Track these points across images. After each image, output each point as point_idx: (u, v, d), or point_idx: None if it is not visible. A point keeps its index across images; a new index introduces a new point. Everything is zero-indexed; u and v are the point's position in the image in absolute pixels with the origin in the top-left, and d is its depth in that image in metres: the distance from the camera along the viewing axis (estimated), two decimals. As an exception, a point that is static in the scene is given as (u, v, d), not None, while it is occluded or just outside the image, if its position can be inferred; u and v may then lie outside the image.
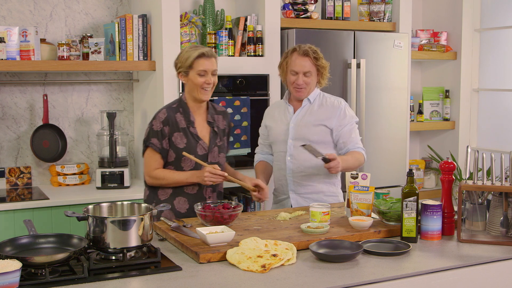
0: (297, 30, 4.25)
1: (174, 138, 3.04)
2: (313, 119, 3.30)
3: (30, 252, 2.22)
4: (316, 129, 3.28)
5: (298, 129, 3.30)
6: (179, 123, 3.06)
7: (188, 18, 4.12)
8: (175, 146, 3.04)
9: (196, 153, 3.04)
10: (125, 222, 2.27)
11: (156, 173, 3.05)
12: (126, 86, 4.50)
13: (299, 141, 3.26)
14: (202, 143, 3.07)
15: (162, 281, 2.09)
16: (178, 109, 3.10)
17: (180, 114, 3.08)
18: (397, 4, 4.76)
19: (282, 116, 3.39)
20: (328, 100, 3.37)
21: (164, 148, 3.04)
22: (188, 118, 3.08)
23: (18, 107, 4.18)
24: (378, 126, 4.62)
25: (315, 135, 3.27)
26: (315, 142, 3.24)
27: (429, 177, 5.36)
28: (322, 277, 2.13)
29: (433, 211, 2.59)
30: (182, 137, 3.05)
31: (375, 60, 4.56)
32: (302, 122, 3.31)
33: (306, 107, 3.35)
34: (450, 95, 5.30)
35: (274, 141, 3.41)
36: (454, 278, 2.29)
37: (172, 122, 3.05)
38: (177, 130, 3.05)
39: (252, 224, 2.75)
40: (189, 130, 3.06)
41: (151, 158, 3.06)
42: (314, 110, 3.33)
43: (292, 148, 3.31)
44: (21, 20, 4.13)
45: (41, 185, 4.23)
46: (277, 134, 3.37)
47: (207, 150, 3.08)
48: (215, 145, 3.11)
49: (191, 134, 3.06)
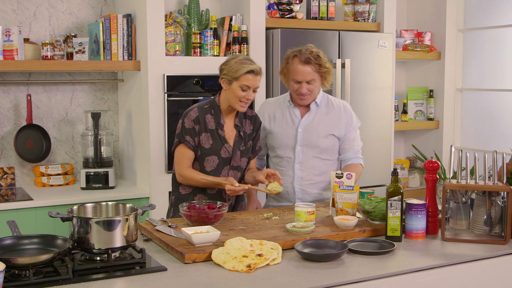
0: (282, 30, 4.25)
1: (201, 138, 3.07)
2: (323, 127, 3.24)
3: (13, 253, 2.21)
4: (326, 139, 3.23)
5: (307, 135, 3.23)
6: (208, 124, 3.09)
7: (173, 18, 4.11)
8: (201, 145, 3.07)
9: (220, 155, 3.07)
10: (109, 222, 2.26)
11: (186, 172, 3.07)
12: (111, 86, 4.48)
13: (308, 148, 3.22)
14: (227, 146, 3.09)
15: (147, 282, 2.09)
16: (209, 110, 3.11)
17: (210, 115, 3.10)
18: (382, 4, 4.78)
19: (288, 119, 3.28)
20: (334, 104, 3.31)
21: (196, 145, 3.08)
22: (219, 120, 3.10)
23: (2, 107, 4.15)
24: (363, 126, 4.57)
25: (324, 143, 3.24)
26: (324, 151, 3.23)
27: (414, 177, 5.39)
28: (308, 277, 2.14)
29: (418, 210, 2.60)
30: (209, 138, 3.08)
31: (360, 60, 4.57)
32: (311, 127, 3.24)
33: (314, 111, 3.26)
34: (434, 94, 5.33)
35: (278, 146, 3.30)
36: (438, 276, 2.31)
37: (202, 122, 3.08)
38: (205, 131, 3.08)
39: (238, 224, 2.75)
40: (217, 132, 3.09)
41: (183, 155, 3.08)
42: (322, 114, 3.26)
43: (301, 155, 3.24)
44: (4, 19, 4.10)
45: (25, 185, 4.20)
46: (283, 139, 3.27)
47: (231, 154, 3.09)
48: (238, 149, 3.12)
49: (218, 136, 3.09)
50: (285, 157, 3.28)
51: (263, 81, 4.24)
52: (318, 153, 3.24)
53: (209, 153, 3.08)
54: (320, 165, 3.25)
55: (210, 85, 4.12)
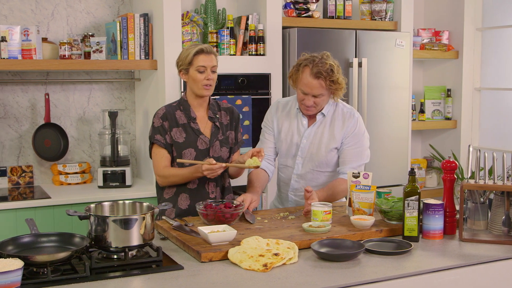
0: (299, 29, 4.25)
1: (173, 133, 3.07)
2: (325, 142, 3.10)
3: (32, 251, 2.22)
4: (328, 154, 3.11)
5: (309, 147, 3.12)
6: (179, 119, 3.09)
7: (190, 17, 4.12)
8: (175, 141, 3.07)
9: (197, 147, 3.06)
10: (126, 221, 2.26)
11: (164, 171, 3.05)
12: (128, 85, 4.50)
13: (309, 160, 3.12)
14: (203, 137, 3.08)
15: (164, 280, 2.09)
16: (178, 107, 3.13)
17: (180, 111, 3.11)
18: (399, 3, 4.75)
19: (294, 128, 3.17)
20: (340, 113, 3.12)
21: (168, 142, 3.07)
22: (189, 114, 3.10)
23: (20, 106, 4.18)
24: (379, 125, 4.62)
25: (325, 158, 3.12)
26: (325, 164, 3.12)
27: (431, 176, 5.36)
28: (324, 276, 2.13)
29: (435, 210, 2.58)
30: (181, 132, 3.08)
31: (377, 59, 4.55)
32: (314, 140, 3.12)
33: (319, 122, 3.13)
34: (452, 94, 5.29)
35: (281, 153, 3.23)
36: (456, 277, 2.29)
37: (171, 118, 3.09)
38: (176, 126, 3.08)
39: (254, 223, 2.75)
40: (190, 126, 3.08)
41: (158, 155, 3.08)
42: (326, 127, 3.11)
43: (300, 167, 3.16)
44: (23, 19, 4.13)
45: (43, 184, 4.23)
46: (287, 147, 3.19)
47: (208, 144, 3.08)
48: (217, 139, 3.10)
49: (191, 129, 3.08)
50: (286, 166, 3.22)
51: (279, 81, 4.24)
52: (317, 166, 3.14)
53: (185, 146, 3.05)
54: (319, 177, 3.16)
55: (226, 84, 4.12)
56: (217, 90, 4.06)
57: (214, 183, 3.12)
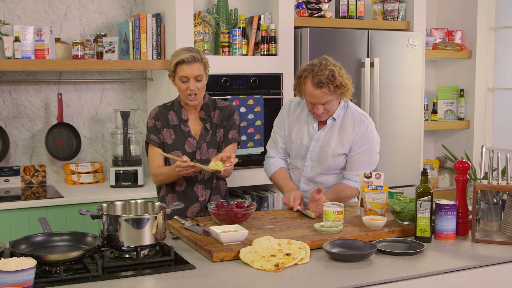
0: (311, 29, 4.24)
1: (163, 133, 3.09)
2: (334, 146, 3.05)
3: (44, 250, 2.23)
4: (336, 158, 3.07)
5: (319, 150, 3.08)
6: (170, 120, 3.10)
7: (202, 17, 4.13)
8: (164, 141, 3.09)
9: (184, 150, 3.06)
10: (138, 220, 2.27)
11: (156, 170, 3.08)
12: (140, 85, 4.51)
13: (318, 164, 3.09)
14: (191, 140, 3.07)
15: (176, 280, 2.10)
16: (172, 108, 3.14)
17: (173, 111, 3.13)
18: (411, 3, 4.74)
19: (305, 131, 3.13)
20: (350, 117, 3.06)
21: (162, 141, 3.09)
22: (180, 116, 3.10)
23: (33, 106, 4.21)
24: (392, 126, 4.60)
25: (334, 163, 3.08)
26: (333, 168, 3.09)
27: (443, 177, 5.33)
28: (336, 277, 2.13)
29: (448, 211, 2.57)
30: (171, 133, 3.09)
31: (389, 59, 4.54)
32: (324, 143, 3.07)
33: (329, 126, 3.08)
34: (465, 94, 5.26)
35: (291, 154, 3.22)
36: (468, 278, 2.28)
37: (163, 118, 3.11)
38: (167, 126, 3.10)
39: (265, 223, 2.75)
40: (180, 127, 3.09)
41: (152, 154, 3.11)
42: (335, 131, 3.06)
43: (310, 170, 3.12)
44: (36, 19, 4.16)
45: (55, 183, 4.25)
46: (297, 149, 3.15)
47: (195, 147, 3.07)
48: (204, 141, 3.08)
49: (181, 131, 3.08)
50: (296, 168, 3.20)
51: (290, 81, 4.23)
52: (326, 170, 3.11)
53: (173, 148, 3.07)
54: (328, 180, 3.13)
55: (238, 84, 4.13)
56: (229, 90, 4.08)
57: (202, 186, 3.11)
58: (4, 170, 4.10)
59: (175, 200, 3.10)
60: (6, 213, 3.57)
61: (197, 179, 3.10)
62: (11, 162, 4.17)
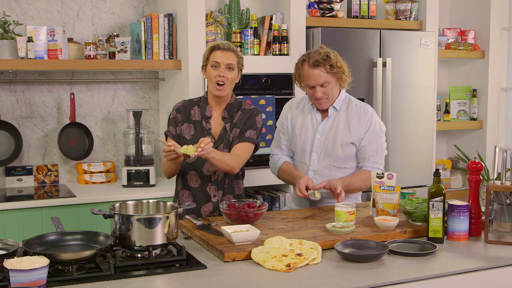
0: (323, 29, 4.24)
1: (183, 128, 3.09)
2: (341, 137, 3.07)
3: (57, 249, 2.25)
4: (343, 148, 3.07)
5: (324, 142, 3.10)
6: (193, 115, 3.10)
7: (214, 17, 4.13)
8: (182, 135, 3.09)
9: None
10: (150, 220, 2.28)
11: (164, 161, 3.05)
12: (152, 85, 4.52)
13: (325, 156, 3.10)
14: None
15: (187, 279, 2.10)
16: (197, 103, 3.14)
17: (198, 107, 3.12)
18: (424, 3, 4.72)
19: (309, 124, 3.15)
20: (354, 108, 3.12)
21: (178, 134, 3.10)
22: (204, 112, 3.09)
23: (46, 106, 4.23)
24: (404, 126, 4.59)
25: (341, 153, 3.09)
26: (341, 159, 3.09)
27: (456, 177, 5.31)
28: (347, 277, 2.12)
29: (460, 212, 2.56)
30: (191, 128, 3.08)
31: (401, 59, 4.52)
32: (329, 135, 3.10)
33: (333, 116, 3.12)
34: (478, 94, 5.24)
35: (297, 151, 3.20)
36: (481, 279, 2.26)
37: (184, 112, 3.10)
38: (187, 121, 3.09)
39: (277, 223, 2.75)
40: (201, 124, 3.07)
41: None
42: (341, 121, 3.10)
43: (317, 163, 3.12)
44: (49, 19, 4.18)
45: (68, 182, 4.28)
46: (302, 144, 3.16)
47: (212, 147, 3.01)
48: (221, 142, 3.06)
49: (201, 128, 3.07)
50: (302, 163, 3.18)
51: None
52: (334, 161, 3.10)
53: (190, 144, 2.99)
54: (336, 174, 3.11)
55: (250, 84, 4.13)
56: (240, 90, 4.08)
57: (215, 186, 3.09)
58: (17, 169, 4.12)
59: (188, 197, 3.10)
60: (19, 212, 3.59)
61: (210, 179, 3.09)
62: (24, 162, 4.19)
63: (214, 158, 2.86)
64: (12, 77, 4.09)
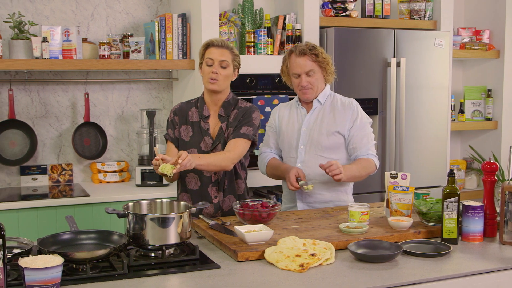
0: (337, 29, 4.22)
1: (181, 130, 3.09)
2: (326, 126, 3.12)
3: (71, 248, 2.26)
4: (329, 137, 3.10)
5: (309, 133, 3.13)
6: (190, 116, 3.09)
7: (227, 17, 4.14)
8: (181, 138, 3.09)
9: (200, 148, 3.04)
10: (164, 219, 2.28)
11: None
12: (166, 84, 4.54)
13: (311, 146, 3.12)
14: (207, 139, 3.04)
15: (201, 279, 2.10)
16: (195, 104, 3.13)
17: (195, 108, 3.11)
18: (438, 2, 4.69)
19: (294, 118, 3.21)
20: (339, 101, 3.18)
21: (176, 136, 3.09)
22: (202, 112, 3.08)
23: (60, 105, 4.25)
24: (418, 126, 4.57)
25: (328, 142, 3.11)
26: (328, 149, 3.11)
27: (470, 178, 5.27)
28: (361, 278, 2.11)
29: (475, 212, 2.54)
30: (189, 130, 3.08)
31: (416, 59, 4.50)
32: (314, 126, 3.14)
33: (318, 110, 3.17)
34: (493, 94, 5.20)
35: (284, 146, 3.22)
36: (496, 281, 2.25)
37: (181, 114, 3.10)
38: (185, 123, 3.09)
39: (290, 223, 2.75)
40: (199, 125, 3.07)
41: (166, 149, 3.14)
42: (326, 113, 3.15)
43: (304, 154, 3.13)
44: (64, 20, 4.21)
45: (82, 182, 4.30)
46: (288, 139, 3.19)
47: (211, 146, 3.04)
48: (219, 142, 3.04)
49: (199, 129, 3.06)
50: (290, 157, 3.18)
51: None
52: (321, 151, 3.11)
53: (189, 145, 3.04)
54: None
55: (263, 84, 4.13)
56: (254, 90, 4.08)
57: (216, 187, 3.08)
58: (32, 168, 4.15)
59: (188, 199, 3.10)
60: (34, 211, 3.61)
61: (210, 180, 3.06)
62: (39, 161, 4.22)
63: (201, 165, 2.81)
64: (27, 77, 4.12)
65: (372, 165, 3.12)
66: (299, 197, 3.16)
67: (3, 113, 4.11)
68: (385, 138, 4.43)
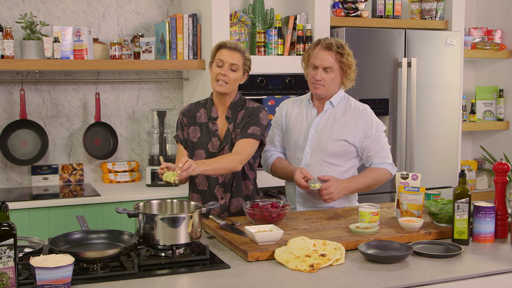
0: (347, 29, 4.22)
1: (190, 131, 3.08)
2: (336, 131, 3.03)
3: (82, 247, 2.27)
4: (337, 143, 3.03)
5: (318, 136, 3.05)
6: (199, 117, 3.09)
7: (238, 17, 4.14)
8: (189, 139, 3.08)
9: (207, 150, 3.04)
10: (174, 219, 2.29)
11: None
12: (176, 85, 4.54)
13: (317, 150, 3.06)
14: (215, 140, 3.03)
15: (211, 279, 2.11)
16: (204, 105, 3.12)
17: (204, 109, 3.11)
18: (450, 2, 4.67)
19: (304, 118, 3.13)
20: (352, 106, 3.09)
21: (185, 138, 3.10)
22: (210, 113, 3.08)
23: (72, 105, 4.27)
24: (429, 126, 4.55)
25: (334, 148, 3.04)
26: (335, 155, 3.05)
27: (482, 178, 5.25)
28: (371, 278, 2.11)
29: (486, 213, 2.53)
30: (197, 131, 3.07)
31: (427, 59, 4.48)
32: (324, 129, 3.06)
33: (329, 112, 3.08)
34: (504, 94, 5.17)
35: (290, 145, 3.16)
36: (507, 282, 2.24)
37: (190, 115, 3.10)
38: (193, 124, 3.08)
39: (300, 224, 2.75)
40: (208, 126, 3.06)
41: (177, 151, 3.14)
42: (337, 117, 3.06)
43: (309, 157, 3.07)
44: (75, 20, 4.22)
45: (92, 181, 4.31)
46: (295, 138, 3.13)
47: (218, 148, 3.02)
48: (226, 143, 3.03)
49: (207, 130, 3.05)
50: (295, 158, 3.13)
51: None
52: (327, 157, 3.05)
53: (197, 147, 3.04)
54: (327, 170, 3.04)
55: (274, 84, 4.12)
56: (264, 90, 4.08)
57: (222, 188, 3.07)
58: (43, 168, 4.17)
59: (198, 200, 3.10)
60: (45, 210, 3.63)
61: (217, 181, 3.06)
62: (50, 161, 4.24)
63: (206, 171, 2.77)
64: (39, 77, 4.14)
65: (385, 175, 3.08)
66: (299, 200, 3.14)
67: (14, 113, 4.13)
68: (395, 138, 4.42)
